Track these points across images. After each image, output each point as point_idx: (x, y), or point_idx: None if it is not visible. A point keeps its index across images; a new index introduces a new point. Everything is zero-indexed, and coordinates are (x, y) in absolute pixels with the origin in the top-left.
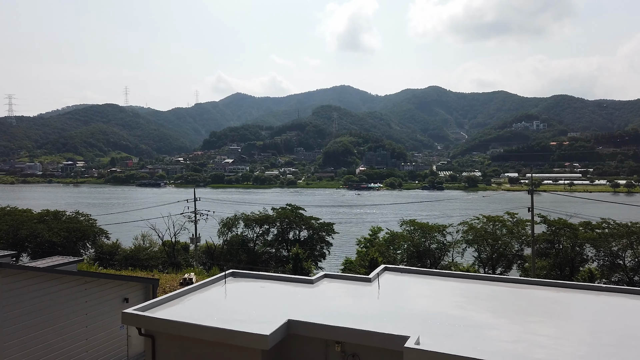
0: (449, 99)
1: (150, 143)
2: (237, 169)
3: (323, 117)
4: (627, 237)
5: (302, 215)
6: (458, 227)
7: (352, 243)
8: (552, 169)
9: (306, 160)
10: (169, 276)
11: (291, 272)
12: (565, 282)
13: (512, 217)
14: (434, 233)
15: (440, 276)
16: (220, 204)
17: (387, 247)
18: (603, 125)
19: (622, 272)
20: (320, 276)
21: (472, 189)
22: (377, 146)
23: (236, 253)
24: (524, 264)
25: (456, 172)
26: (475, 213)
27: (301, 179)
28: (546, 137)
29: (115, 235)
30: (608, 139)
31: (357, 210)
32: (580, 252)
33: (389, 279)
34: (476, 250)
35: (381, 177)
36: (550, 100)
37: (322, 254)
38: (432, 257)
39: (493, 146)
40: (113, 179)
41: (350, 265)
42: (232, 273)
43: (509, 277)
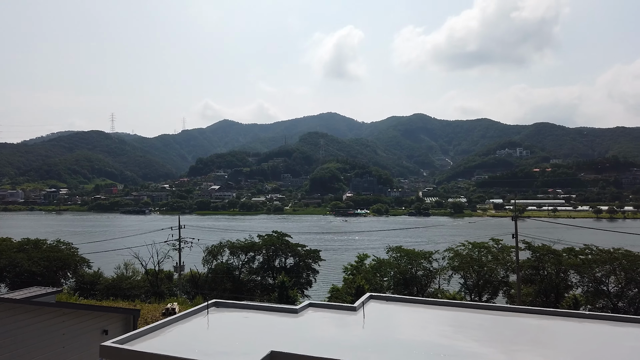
0: (434, 126)
1: (135, 170)
2: (223, 196)
3: (310, 143)
4: (610, 263)
5: (289, 242)
6: (444, 253)
7: (339, 270)
8: (536, 195)
9: (293, 186)
10: (151, 306)
11: (277, 301)
12: (550, 310)
13: (497, 244)
14: (420, 260)
15: (426, 304)
16: (206, 232)
17: (374, 274)
18: (584, 152)
19: (606, 298)
20: (304, 305)
21: (458, 215)
22: (363, 172)
23: (221, 282)
24: (510, 291)
25: (442, 198)
26: (461, 239)
27: (288, 205)
28: (529, 164)
29: (97, 264)
30: (589, 165)
31: (344, 237)
32: (565, 278)
33: (374, 307)
34: (462, 277)
35: (368, 203)
36: (532, 127)
37: (309, 282)
38: (418, 284)
39: (478, 172)
40: (97, 206)
41: (337, 293)
42: (215, 303)
43: (494, 305)
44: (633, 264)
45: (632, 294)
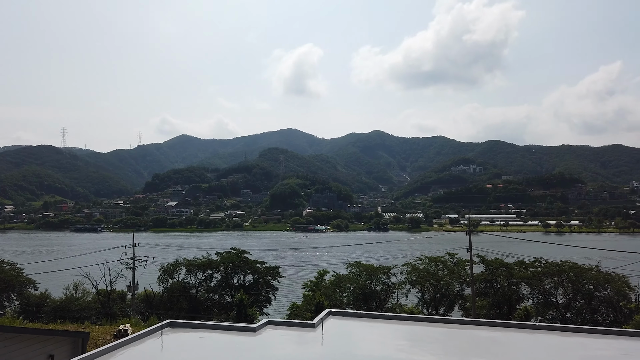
0: (392, 143)
1: (88, 186)
2: (180, 212)
3: (270, 159)
4: (558, 275)
5: (248, 259)
6: (402, 268)
7: (299, 287)
8: (489, 210)
9: (253, 202)
10: (102, 328)
11: (235, 320)
12: (503, 322)
13: (453, 258)
14: (379, 274)
15: (384, 319)
16: (162, 249)
17: (334, 290)
18: (533, 169)
19: (555, 309)
20: (263, 323)
21: (415, 229)
22: (323, 188)
23: (177, 301)
24: (465, 304)
25: (400, 213)
26: (419, 254)
27: (248, 221)
28: (482, 180)
29: (44, 285)
30: (538, 181)
31: (305, 253)
32: (517, 291)
33: (333, 323)
34: (420, 291)
35: (328, 219)
36: (484, 145)
37: (268, 299)
38: (377, 298)
39: (434, 188)
40: (45, 224)
41: (297, 310)
42: (170, 323)
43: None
44: (579, 276)
45: (579, 305)
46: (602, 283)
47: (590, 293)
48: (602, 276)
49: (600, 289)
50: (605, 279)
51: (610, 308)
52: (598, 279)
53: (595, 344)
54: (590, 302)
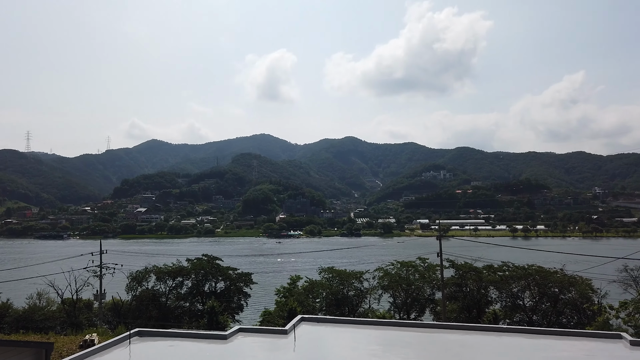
0: (365, 149)
1: (53, 192)
2: (150, 218)
3: (243, 165)
4: (525, 278)
5: (219, 265)
6: (374, 273)
7: (272, 293)
8: (459, 216)
9: (225, 208)
10: (67, 338)
11: (206, 327)
12: (472, 325)
13: (424, 262)
14: (351, 280)
15: (356, 324)
16: (131, 256)
17: (306, 296)
18: (501, 175)
19: (522, 312)
20: (234, 330)
21: (387, 235)
22: (297, 194)
23: (146, 309)
24: (436, 308)
25: (372, 219)
26: (391, 259)
27: (220, 227)
28: (452, 186)
29: (5, 294)
30: (505, 187)
31: (278, 259)
32: (485, 294)
33: (305, 329)
34: (392, 296)
35: (301, 225)
36: (454, 151)
37: (240, 306)
38: (350, 304)
39: (405, 194)
40: (7, 231)
41: (269, 316)
42: (138, 332)
43: (421, 322)
44: (545, 279)
45: (545, 308)
46: (566, 286)
47: (556, 296)
48: (566, 279)
49: (565, 292)
50: (569, 282)
51: (574, 310)
52: (563, 282)
53: (561, 345)
54: (555, 305)
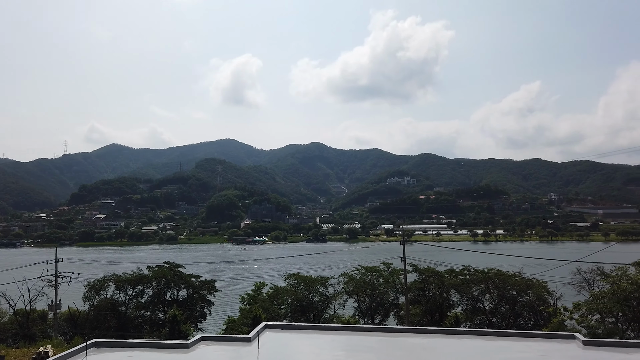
0: (330, 155)
1: (6, 198)
2: (110, 225)
3: (207, 170)
4: (485, 282)
5: (182, 273)
6: (339, 278)
7: (236, 300)
8: (422, 221)
9: (188, 214)
10: (19, 351)
11: (168, 336)
12: (434, 328)
13: (388, 267)
14: (317, 285)
15: (321, 330)
16: (88, 265)
17: (271, 303)
18: (462, 181)
19: (482, 315)
20: (197, 339)
21: (352, 240)
22: (262, 200)
23: (104, 319)
24: (400, 312)
25: (338, 224)
26: (356, 264)
27: (183, 234)
28: (415, 192)
29: None
30: (467, 193)
31: (242, 266)
32: (447, 298)
33: (270, 336)
34: (356, 301)
35: (267, 231)
36: (417, 158)
37: (203, 314)
38: (315, 310)
39: (370, 200)
40: None
41: (233, 324)
42: (95, 343)
43: (385, 327)
44: (504, 282)
45: (504, 310)
46: (524, 289)
47: (514, 298)
48: (524, 282)
49: (523, 295)
50: (527, 285)
51: (531, 312)
52: (520, 285)
53: (518, 346)
54: (513, 307)
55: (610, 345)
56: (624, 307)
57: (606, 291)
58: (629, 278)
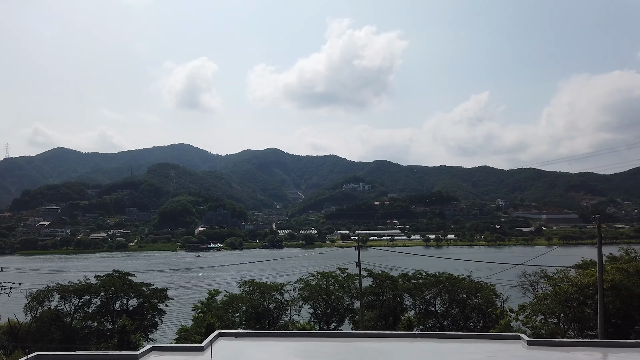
0: (287, 160)
1: None
2: (55, 232)
3: (160, 175)
4: (437, 286)
5: (132, 281)
6: (295, 284)
7: (189, 309)
8: (377, 226)
9: (140, 221)
10: None
11: (116, 348)
12: (388, 332)
13: (343, 273)
14: (272, 292)
15: (276, 337)
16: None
17: (225, 311)
18: (415, 188)
19: (434, 318)
20: (146, 349)
21: (309, 246)
22: (217, 205)
23: (48, 331)
24: (355, 317)
25: (294, 230)
26: (312, 270)
27: (133, 241)
28: (371, 198)
29: None
30: (419, 199)
31: (196, 273)
32: (401, 302)
33: (223, 345)
34: (312, 307)
35: (222, 237)
36: (373, 164)
37: (154, 324)
38: (270, 317)
39: (327, 205)
40: None
41: (186, 333)
42: (37, 357)
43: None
44: (454, 286)
45: (455, 313)
46: (473, 292)
47: (464, 301)
48: (473, 285)
49: (472, 297)
50: (476, 288)
51: (480, 314)
52: (470, 288)
53: (467, 348)
54: (463, 310)
55: (552, 344)
56: (565, 308)
57: (549, 293)
58: (570, 280)
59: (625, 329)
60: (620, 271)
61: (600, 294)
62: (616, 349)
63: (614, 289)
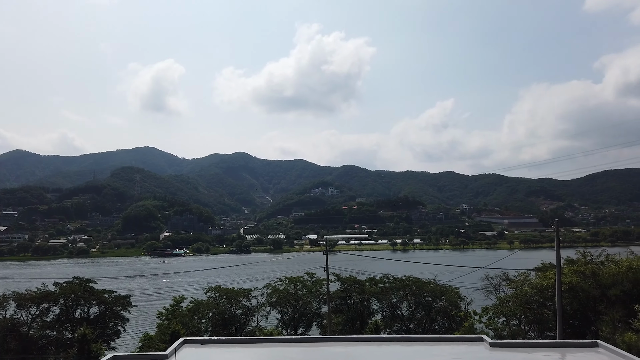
0: (255, 165)
1: None
2: (11, 238)
3: (124, 179)
4: (403, 289)
5: (93, 289)
6: (263, 290)
7: (154, 316)
8: (345, 231)
9: (102, 226)
10: None
11: (76, 358)
12: (354, 337)
13: (311, 277)
14: (239, 298)
15: (242, 343)
16: None
17: (191, 317)
18: (382, 192)
19: (400, 321)
20: (108, 358)
21: (277, 251)
22: (183, 210)
23: (3, 341)
24: (322, 322)
25: (262, 235)
26: (280, 275)
27: (96, 247)
28: (339, 202)
29: None
30: (387, 204)
31: (161, 280)
32: (368, 306)
33: (188, 352)
34: (279, 312)
35: (188, 243)
36: (341, 169)
37: (117, 332)
38: (237, 323)
39: (295, 210)
40: None
41: (149, 341)
42: None
43: (307, 337)
44: (420, 289)
45: (420, 316)
46: (438, 295)
47: (429, 304)
48: (438, 289)
49: (437, 300)
50: (441, 291)
51: (445, 317)
52: (435, 292)
53: (432, 350)
54: (429, 313)
55: (513, 346)
56: (526, 309)
57: (510, 295)
58: (530, 283)
59: (582, 329)
60: (577, 273)
61: (558, 295)
62: (573, 349)
63: (572, 290)
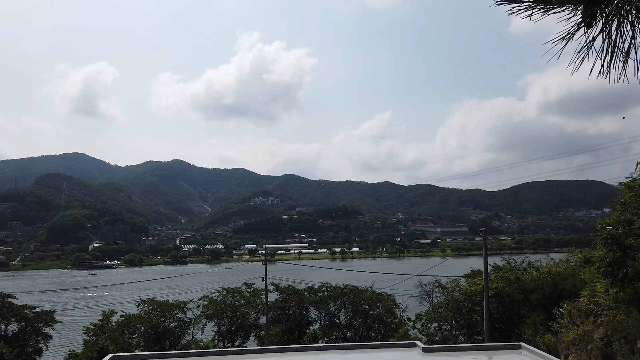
0: (193, 173)
1: None
2: None
3: (49, 186)
4: (341, 297)
5: (12, 304)
6: (199, 302)
7: (80, 332)
8: (285, 240)
9: (24, 237)
10: None
11: None
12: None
13: (250, 288)
14: (174, 310)
15: (175, 357)
16: None
17: (122, 332)
18: (322, 202)
19: (338, 329)
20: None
21: (215, 261)
22: (115, 220)
23: None
24: (260, 332)
25: (200, 245)
26: (217, 286)
27: (16, 259)
28: (279, 211)
29: None
30: (326, 213)
31: (89, 293)
32: (307, 315)
33: None
34: (216, 324)
35: (120, 254)
36: (281, 178)
37: (38, 350)
38: (172, 336)
39: (234, 219)
40: None
41: (75, 359)
42: None
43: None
44: (358, 297)
45: (358, 324)
46: (375, 302)
47: (366, 312)
48: (375, 296)
49: (374, 308)
50: (377, 299)
51: (381, 324)
52: (372, 299)
53: (367, 357)
54: (366, 320)
55: (444, 350)
56: (457, 315)
57: (442, 301)
58: (460, 289)
59: (507, 332)
60: (502, 279)
61: (485, 300)
62: (499, 351)
63: (498, 295)
